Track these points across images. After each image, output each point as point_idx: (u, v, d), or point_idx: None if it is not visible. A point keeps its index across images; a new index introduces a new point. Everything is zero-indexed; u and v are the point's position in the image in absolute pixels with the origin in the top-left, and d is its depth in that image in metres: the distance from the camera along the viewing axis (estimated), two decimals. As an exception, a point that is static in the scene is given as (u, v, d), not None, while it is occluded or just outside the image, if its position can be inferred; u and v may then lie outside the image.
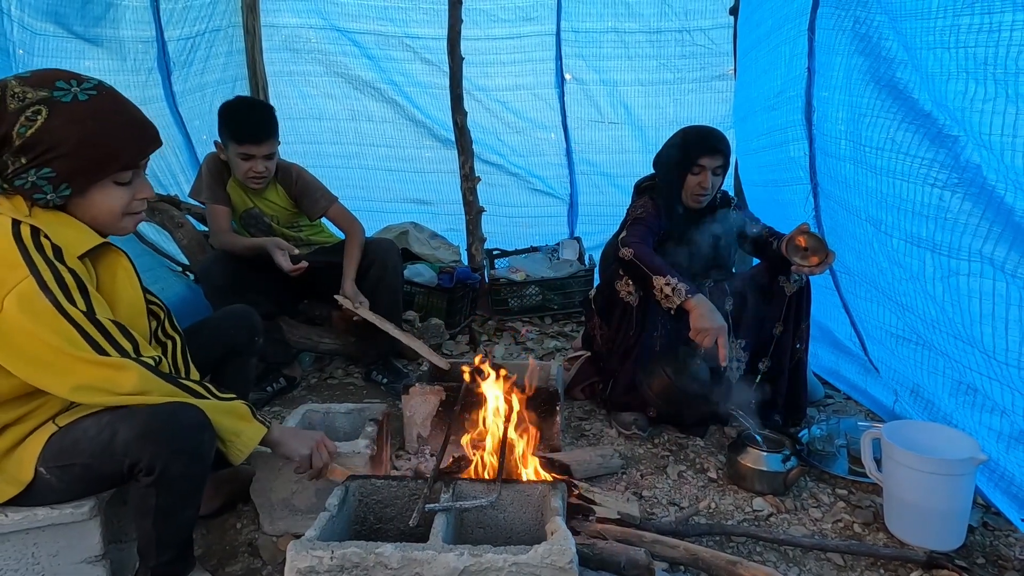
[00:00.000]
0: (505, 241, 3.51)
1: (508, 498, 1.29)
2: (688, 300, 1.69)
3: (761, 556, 1.42)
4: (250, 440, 1.20)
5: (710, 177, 1.90)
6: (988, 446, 1.46)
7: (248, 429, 1.21)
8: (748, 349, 1.96)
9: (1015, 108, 1.22)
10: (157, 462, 1.06)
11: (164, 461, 1.06)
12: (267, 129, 2.15)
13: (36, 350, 1.02)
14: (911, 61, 1.53)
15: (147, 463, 1.06)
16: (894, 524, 1.48)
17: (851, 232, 1.91)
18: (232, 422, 1.19)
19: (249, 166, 2.15)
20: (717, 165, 1.91)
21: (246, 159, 2.14)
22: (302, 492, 1.44)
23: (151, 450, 1.05)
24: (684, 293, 1.70)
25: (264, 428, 1.23)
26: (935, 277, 1.48)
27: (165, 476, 1.07)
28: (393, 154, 3.64)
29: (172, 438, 1.07)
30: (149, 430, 1.06)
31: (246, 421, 1.21)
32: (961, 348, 1.48)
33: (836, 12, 1.86)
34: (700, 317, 1.67)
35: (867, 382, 2.13)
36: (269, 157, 2.18)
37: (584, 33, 3.35)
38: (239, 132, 2.12)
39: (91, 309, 1.06)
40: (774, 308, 1.93)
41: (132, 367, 1.07)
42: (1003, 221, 1.31)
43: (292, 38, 3.44)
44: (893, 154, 1.56)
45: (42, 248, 1.03)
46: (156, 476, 1.07)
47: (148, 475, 1.07)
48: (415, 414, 1.85)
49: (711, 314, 1.67)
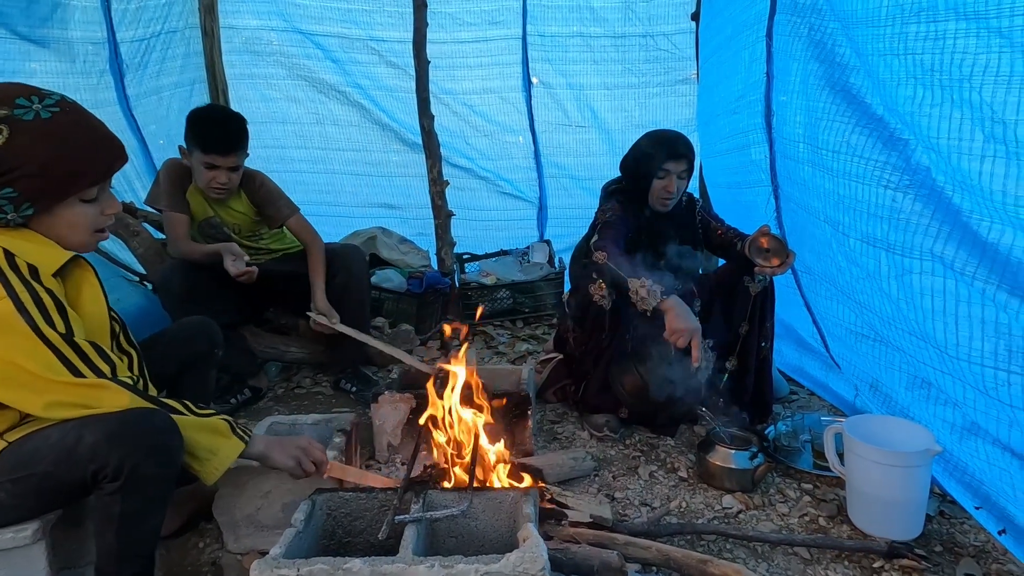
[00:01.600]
0: (475, 245, 3.50)
1: (480, 506, 1.27)
2: (664, 301, 1.72)
3: (731, 553, 1.44)
4: (227, 458, 1.17)
5: (675, 181, 1.94)
6: (942, 438, 1.51)
7: (225, 446, 1.17)
8: (715, 349, 1.99)
9: (960, 113, 1.28)
10: (126, 463, 1.02)
11: (133, 462, 1.03)
12: (235, 141, 2.10)
13: (11, 373, 1.00)
14: (863, 67, 1.58)
15: (115, 466, 1.02)
16: (857, 516, 1.52)
17: (811, 233, 1.96)
18: (209, 439, 1.15)
19: (212, 176, 2.09)
20: (682, 169, 1.94)
21: (210, 168, 2.08)
22: (268, 508, 1.40)
23: (120, 451, 1.02)
24: (659, 295, 1.72)
25: (243, 444, 1.19)
26: (890, 276, 1.53)
27: (133, 478, 1.03)
28: (360, 158, 3.59)
29: (141, 438, 1.04)
30: (118, 432, 1.03)
31: (224, 437, 1.17)
32: (915, 344, 1.54)
33: (792, 19, 1.91)
34: (676, 318, 1.69)
35: (829, 378, 2.19)
36: (234, 169, 2.12)
37: (550, 37, 3.37)
38: (206, 141, 2.06)
39: (69, 330, 1.03)
40: (740, 308, 1.97)
41: (112, 387, 1.04)
42: (951, 221, 1.36)
43: (253, 40, 3.36)
44: (848, 157, 1.61)
45: (17, 268, 1.00)
46: (124, 480, 1.03)
47: (114, 480, 1.03)
48: (385, 422, 1.82)
49: (686, 315, 1.70)
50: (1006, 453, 1.35)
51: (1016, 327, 1.24)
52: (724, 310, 2.02)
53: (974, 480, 1.49)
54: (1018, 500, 1.34)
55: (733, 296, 1.99)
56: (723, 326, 2.01)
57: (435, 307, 2.98)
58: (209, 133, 2.07)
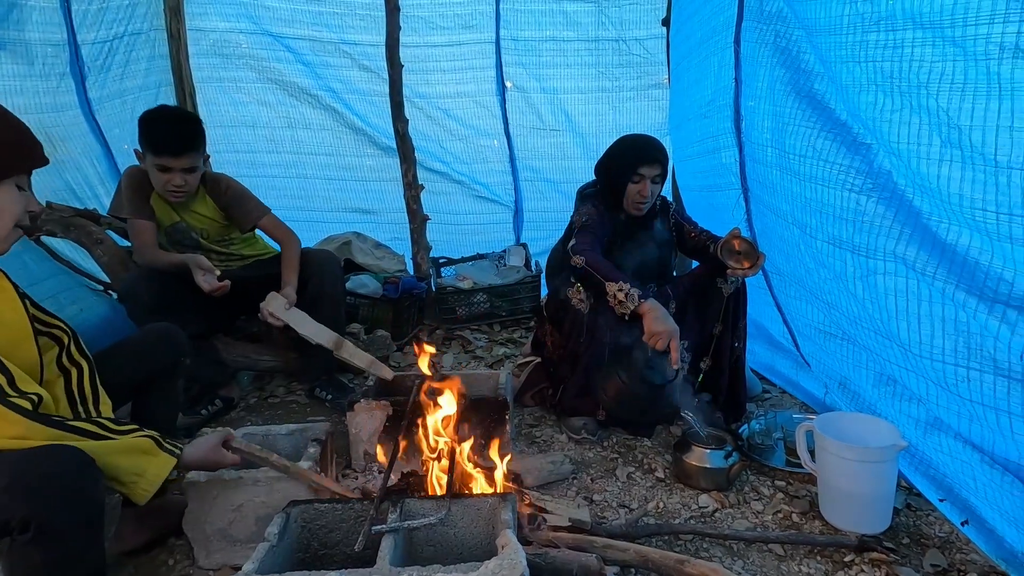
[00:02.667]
0: (451, 249, 3.49)
1: (458, 513, 1.27)
2: (642, 304, 1.73)
3: (708, 552, 1.46)
4: (156, 476, 1.09)
5: (649, 185, 1.96)
6: (908, 433, 1.56)
7: (153, 465, 1.09)
8: (690, 350, 2.02)
9: (919, 119, 1.32)
10: (32, 517, 0.93)
11: (41, 514, 0.93)
12: (187, 141, 2.02)
13: None
14: (827, 73, 1.63)
15: (21, 520, 0.93)
16: (828, 511, 1.56)
17: (780, 235, 2.01)
18: (132, 461, 1.07)
19: (167, 179, 2.03)
20: (656, 174, 1.96)
21: (163, 171, 2.02)
22: (240, 521, 1.37)
23: (23, 504, 0.92)
24: (637, 298, 1.74)
25: (173, 458, 1.13)
26: (855, 276, 1.58)
27: (46, 531, 0.94)
28: (333, 162, 3.55)
29: (45, 485, 0.94)
30: (15, 482, 0.93)
31: (150, 455, 1.10)
32: (881, 342, 1.58)
33: (758, 26, 1.95)
34: (655, 320, 1.70)
35: (800, 376, 2.24)
36: (189, 171, 2.06)
37: (523, 41, 3.38)
38: (156, 143, 2.00)
39: None
40: (713, 309, 2.00)
41: (3, 412, 0.95)
42: (912, 223, 1.40)
43: (221, 43, 3.29)
44: (814, 161, 1.65)
45: None
46: (34, 533, 0.93)
47: (23, 532, 0.93)
48: (361, 431, 1.80)
49: (665, 318, 1.71)
50: (967, 447, 1.39)
51: (974, 325, 1.29)
52: (698, 311, 2.06)
53: (938, 473, 1.54)
54: (979, 492, 1.38)
55: (706, 297, 2.02)
56: (697, 327, 2.04)
57: (412, 312, 2.96)
58: (159, 134, 2.01)
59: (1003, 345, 1.23)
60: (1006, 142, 1.16)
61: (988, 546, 1.38)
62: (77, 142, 2.87)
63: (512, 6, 3.31)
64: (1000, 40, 1.13)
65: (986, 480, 1.33)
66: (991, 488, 1.33)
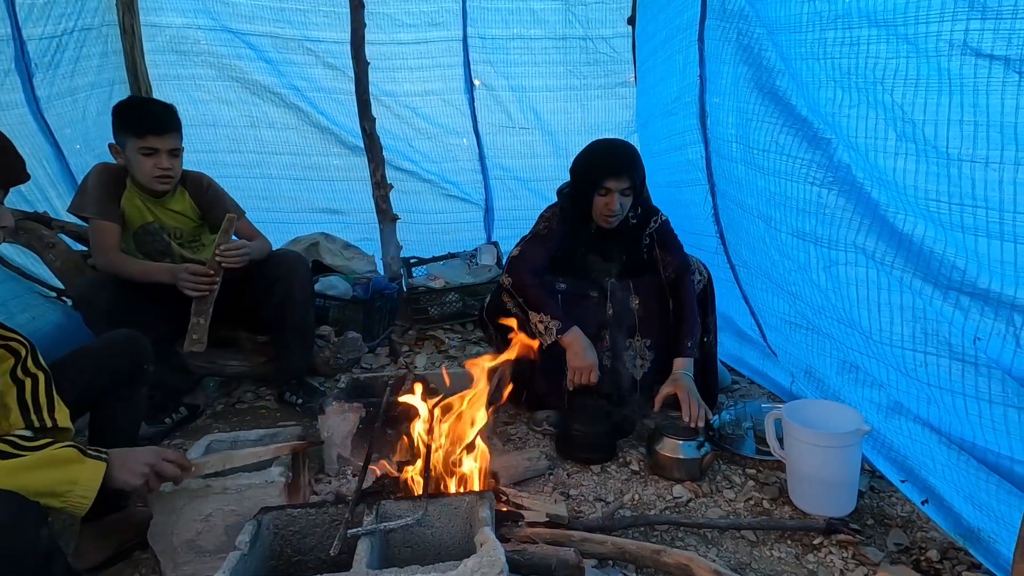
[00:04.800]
0: (422, 248, 3.46)
1: (435, 513, 1.25)
2: (562, 338, 1.68)
3: (683, 541, 1.48)
4: (91, 482, 1.02)
5: (618, 199, 1.86)
6: (870, 417, 1.62)
7: (84, 472, 1.02)
8: (654, 348, 1.99)
9: (875, 113, 1.37)
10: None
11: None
12: (169, 120, 1.99)
13: None
14: (787, 70, 1.67)
15: None
16: (797, 496, 1.60)
17: (746, 228, 2.05)
18: (60, 473, 1.00)
19: (153, 162, 1.97)
20: (625, 187, 1.86)
21: (149, 154, 1.96)
22: (209, 531, 1.33)
23: None
24: (555, 332, 1.69)
25: (102, 462, 1.05)
26: (818, 267, 1.62)
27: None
28: (298, 162, 3.47)
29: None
30: None
31: (77, 463, 1.03)
32: (843, 331, 1.63)
33: (721, 24, 1.99)
34: (574, 356, 1.67)
35: (767, 366, 2.30)
36: (174, 154, 2.01)
37: (491, 39, 3.37)
38: (139, 124, 1.93)
39: None
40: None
41: None
42: (871, 215, 1.45)
43: (178, 39, 3.18)
44: (777, 156, 1.70)
45: None
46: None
47: None
48: (334, 434, 1.77)
49: (583, 352, 1.66)
50: (926, 429, 1.45)
51: (930, 311, 1.34)
52: (663, 309, 2.00)
53: (899, 455, 1.60)
54: (938, 472, 1.44)
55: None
56: (663, 324, 2.00)
57: (383, 313, 2.92)
58: (140, 115, 1.95)
59: (957, 330, 1.29)
60: (956, 135, 1.21)
61: (947, 523, 1.43)
62: (24, 142, 2.73)
63: (479, 4, 3.30)
64: (949, 37, 1.18)
65: (944, 460, 1.39)
66: (948, 468, 1.38)
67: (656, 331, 1.99)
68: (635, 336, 1.97)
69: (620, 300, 1.94)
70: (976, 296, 1.24)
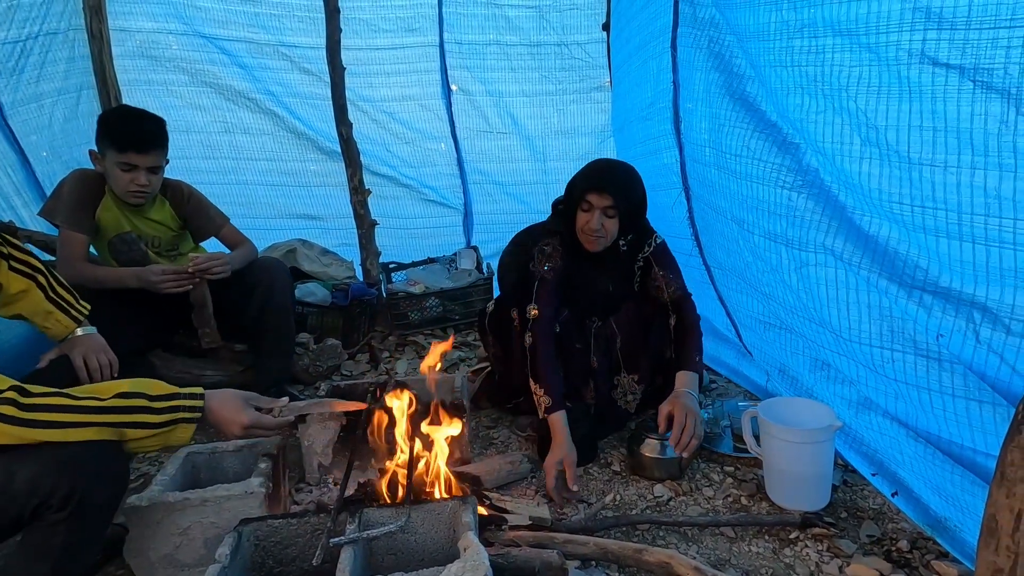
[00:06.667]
0: (401, 254, 3.44)
1: (418, 519, 1.26)
2: (548, 417, 1.68)
3: (664, 540, 1.51)
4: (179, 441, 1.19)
5: (598, 217, 1.75)
6: (842, 413, 1.66)
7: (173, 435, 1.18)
8: (642, 381, 1.98)
9: (841, 119, 1.42)
10: (75, 492, 1.00)
11: (83, 490, 1.00)
12: (154, 138, 1.95)
13: None
14: (757, 77, 1.72)
15: (62, 496, 0.99)
16: (773, 492, 1.64)
17: (720, 231, 2.09)
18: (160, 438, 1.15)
19: (131, 178, 1.93)
20: (607, 205, 1.75)
21: (127, 170, 1.92)
22: (187, 545, 1.31)
23: (67, 479, 0.99)
24: (543, 411, 1.69)
25: (192, 426, 1.19)
26: (790, 268, 1.67)
27: (84, 507, 1.01)
28: (275, 168, 3.43)
29: (86, 463, 1.02)
30: (61, 459, 1.00)
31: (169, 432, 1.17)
32: (815, 329, 1.68)
33: (693, 31, 2.04)
34: (555, 447, 1.64)
35: (743, 365, 2.35)
36: (154, 171, 1.97)
37: (467, 45, 3.38)
38: (121, 139, 1.89)
39: None
40: (663, 335, 1.95)
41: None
42: (839, 217, 1.50)
43: (148, 44, 3.12)
44: (748, 160, 1.74)
45: None
46: (73, 509, 1.00)
47: (61, 510, 1.00)
48: (314, 443, 1.75)
49: (560, 445, 1.63)
50: (894, 423, 1.50)
51: (896, 310, 1.39)
52: (647, 341, 1.97)
53: (869, 449, 1.65)
54: (906, 465, 1.49)
55: (654, 329, 1.97)
56: (648, 356, 1.97)
57: (362, 319, 2.90)
58: (124, 129, 1.91)
59: (921, 327, 1.34)
60: (917, 140, 1.26)
61: (916, 514, 1.48)
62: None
63: (455, 10, 3.31)
64: (908, 47, 1.23)
65: (911, 453, 1.44)
66: (916, 461, 1.43)
67: (642, 364, 1.97)
68: (621, 373, 1.98)
69: (604, 350, 1.94)
70: (938, 294, 1.30)
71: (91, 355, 1.57)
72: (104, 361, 1.58)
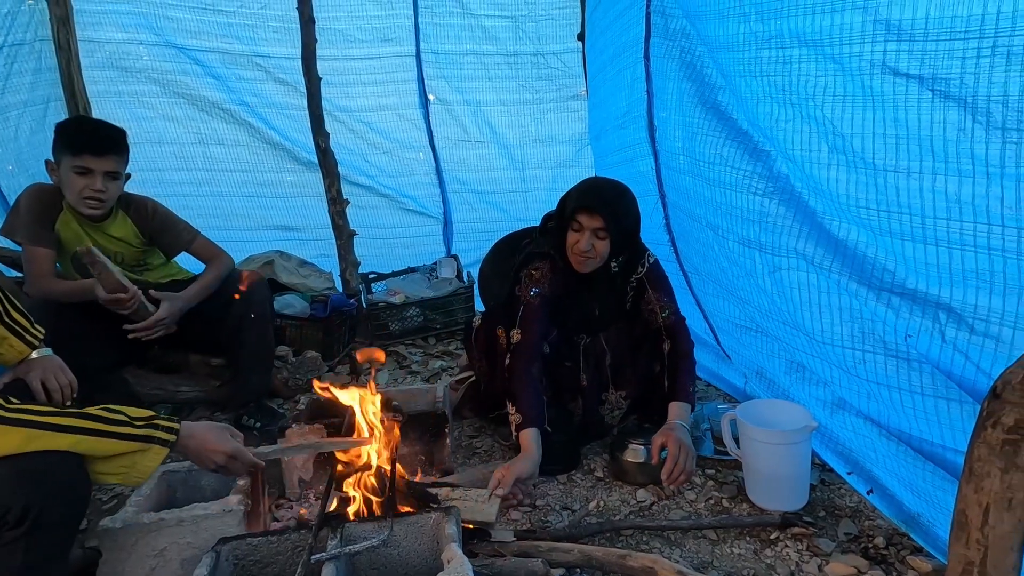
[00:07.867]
0: (380, 263, 3.43)
1: (401, 532, 1.25)
2: (519, 435, 1.67)
3: (648, 544, 1.52)
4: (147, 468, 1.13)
5: (587, 237, 1.71)
6: (817, 414, 1.70)
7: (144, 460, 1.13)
8: (629, 397, 1.98)
9: (809, 127, 1.46)
10: (32, 507, 0.95)
11: (40, 505, 0.95)
12: (112, 143, 1.90)
13: None
14: (728, 86, 1.76)
15: (18, 511, 0.95)
16: (753, 493, 1.66)
17: (696, 237, 2.13)
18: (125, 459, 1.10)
19: (85, 183, 1.86)
20: (597, 227, 1.70)
21: (82, 174, 1.85)
22: (163, 567, 1.27)
23: (24, 494, 0.95)
24: (514, 428, 1.69)
25: (166, 448, 1.15)
26: (764, 273, 1.70)
27: (41, 524, 0.97)
28: (251, 179, 3.40)
29: (45, 478, 0.98)
30: (18, 472, 0.96)
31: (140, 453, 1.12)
32: (789, 332, 1.72)
33: (665, 42, 2.08)
34: (517, 460, 1.62)
35: (721, 368, 2.38)
36: (112, 177, 1.92)
37: (444, 55, 3.40)
38: (76, 141, 1.84)
39: None
40: (652, 352, 1.95)
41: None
42: (809, 222, 1.54)
43: (118, 55, 3.07)
44: (722, 167, 1.78)
45: None
46: (29, 525, 0.96)
47: (17, 527, 0.95)
48: (295, 457, 1.73)
49: (523, 460, 1.62)
50: (867, 423, 1.54)
51: (866, 312, 1.43)
52: (635, 358, 1.97)
53: (845, 449, 1.68)
54: (880, 463, 1.53)
55: (643, 343, 1.96)
56: (636, 372, 1.97)
57: (342, 331, 2.87)
58: (80, 132, 1.86)
59: (890, 328, 1.38)
60: (881, 148, 1.30)
61: (890, 511, 1.52)
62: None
63: (431, 20, 3.33)
64: (871, 57, 1.27)
65: (885, 451, 1.48)
66: (889, 459, 1.47)
67: (631, 382, 1.97)
68: (609, 390, 1.99)
69: (593, 366, 1.95)
70: (905, 296, 1.34)
71: (49, 376, 1.49)
72: (64, 381, 1.50)
